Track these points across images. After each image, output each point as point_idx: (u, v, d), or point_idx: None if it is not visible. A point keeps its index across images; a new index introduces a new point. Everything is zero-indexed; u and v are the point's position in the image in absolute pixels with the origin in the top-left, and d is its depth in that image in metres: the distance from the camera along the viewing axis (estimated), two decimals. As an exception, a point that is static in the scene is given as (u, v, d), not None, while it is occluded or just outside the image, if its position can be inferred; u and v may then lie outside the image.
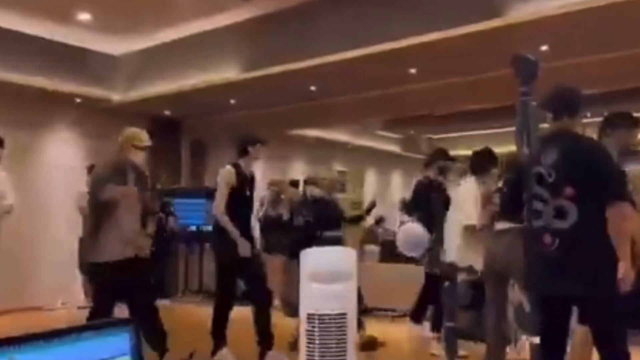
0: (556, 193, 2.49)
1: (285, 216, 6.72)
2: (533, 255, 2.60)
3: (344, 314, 2.74)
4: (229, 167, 4.43)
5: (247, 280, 4.50)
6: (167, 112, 8.49)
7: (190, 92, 7.07)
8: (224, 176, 4.38)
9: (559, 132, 2.63)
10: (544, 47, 5.17)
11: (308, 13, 5.95)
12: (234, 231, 4.23)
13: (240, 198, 4.37)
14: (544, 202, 2.52)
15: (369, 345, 4.77)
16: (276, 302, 7.37)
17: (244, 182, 4.43)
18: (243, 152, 4.47)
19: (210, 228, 8.06)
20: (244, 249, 4.22)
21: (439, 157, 5.06)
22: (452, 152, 5.46)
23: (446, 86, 6.78)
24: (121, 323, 1.48)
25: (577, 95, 2.76)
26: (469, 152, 4.90)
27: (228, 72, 6.68)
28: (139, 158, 3.93)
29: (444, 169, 4.94)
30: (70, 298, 7.38)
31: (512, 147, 2.63)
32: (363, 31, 5.54)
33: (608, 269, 2.48)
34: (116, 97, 7.78)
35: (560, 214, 2.48)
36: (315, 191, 7.24)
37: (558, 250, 2.49)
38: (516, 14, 4.74)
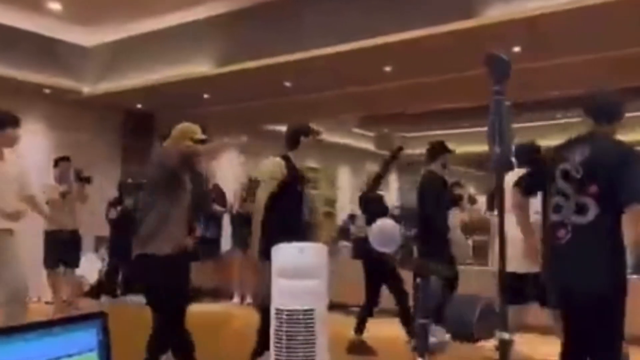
0: (580, 189, 2.56)
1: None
2: (548, 248, 2.67)
3: (312, 310, 2.72)
4: (277, 159, 3.96)
5: None
6: (139, 106, 8.36)
7: (164, 86, 6.99)
8: (268, 167, 3.95)
9: (594, 134, 2.71)
10: (517, 49, 5.24)
11: (283, 9, 5.93)
12: (255, 234, 3.77)
13: (292, 194, 3.89)
14: (566, 197, 2.59)
15: (355, 348, 4.67)
16: (249, 299, 7.42)
17: (296, 177, 3.94)
18: (295, 144, 4.01)
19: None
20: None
21: (443, 150, 4.75)
22: (423, 151, 5.36)
23: (420, 85, 6.84)
24: (89, 318, 1.45)
25: (619, 103, 2.83)
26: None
27: (202, 66, 6.62)
28: None
29: (446, 164, 4.75)
30: (37, 293, 7.23)
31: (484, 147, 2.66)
32: (338, 28, 5.54)
33: (617, 270, 2.56)
34: (86, 89, 7.64)
35: (581, 209, 2.54)
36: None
37: (570, 243, 2.56)
38: (491, 15, 4.80)
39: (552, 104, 8.40)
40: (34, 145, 7.73)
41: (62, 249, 5.93)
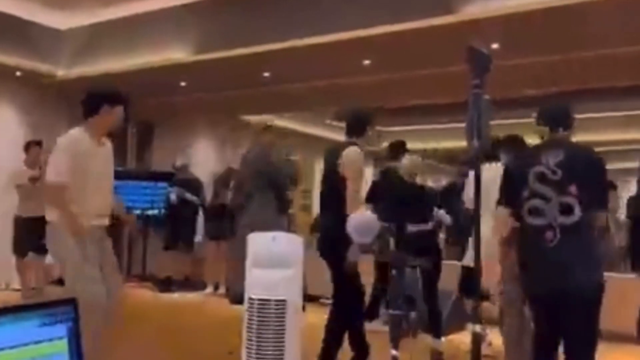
0: (562, 190, 2.61)
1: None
2: (532, 252, 2.68)
3: (283, 300, 2.71)
4: (354, 147, 3.60)
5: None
6: (114, 92, 8.21)
7: (139, 72, 6.86)
8: (357, 157, 3.57)
9: (558, 140, 2.78)
10: (495, 45, 5.28)
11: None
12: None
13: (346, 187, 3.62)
14: (546, 200, 2.62)
15: None
16: (222, 289, 7.38)
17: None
18: (363, 131, 3.70)
19: (155, 212, 7.97)
20: (354, 254, 3.55)
21: (403, 149, 4.91)
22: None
23: (399, 79, 6.85)
24: (59, 305, 1.42)
25: (569, 110, 2.93)
26: (419, 146, 4.98)
27: (179, 53, 6.53)
28: None
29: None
30: (5, 280, 7.09)
31: (462, 142, 2.67)
32: (319, 19, 5.51)
33: (601, 267, 2.66)
34: (60, 72, 7.48)
35: (566, 210, 2.59)
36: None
37: (558, 245, 2.59)
38: (470, 11, 4.83)
39: (527, 102, 8.50)
40: (5, 129, 7.55)
41: (31, 236, 5.81)
